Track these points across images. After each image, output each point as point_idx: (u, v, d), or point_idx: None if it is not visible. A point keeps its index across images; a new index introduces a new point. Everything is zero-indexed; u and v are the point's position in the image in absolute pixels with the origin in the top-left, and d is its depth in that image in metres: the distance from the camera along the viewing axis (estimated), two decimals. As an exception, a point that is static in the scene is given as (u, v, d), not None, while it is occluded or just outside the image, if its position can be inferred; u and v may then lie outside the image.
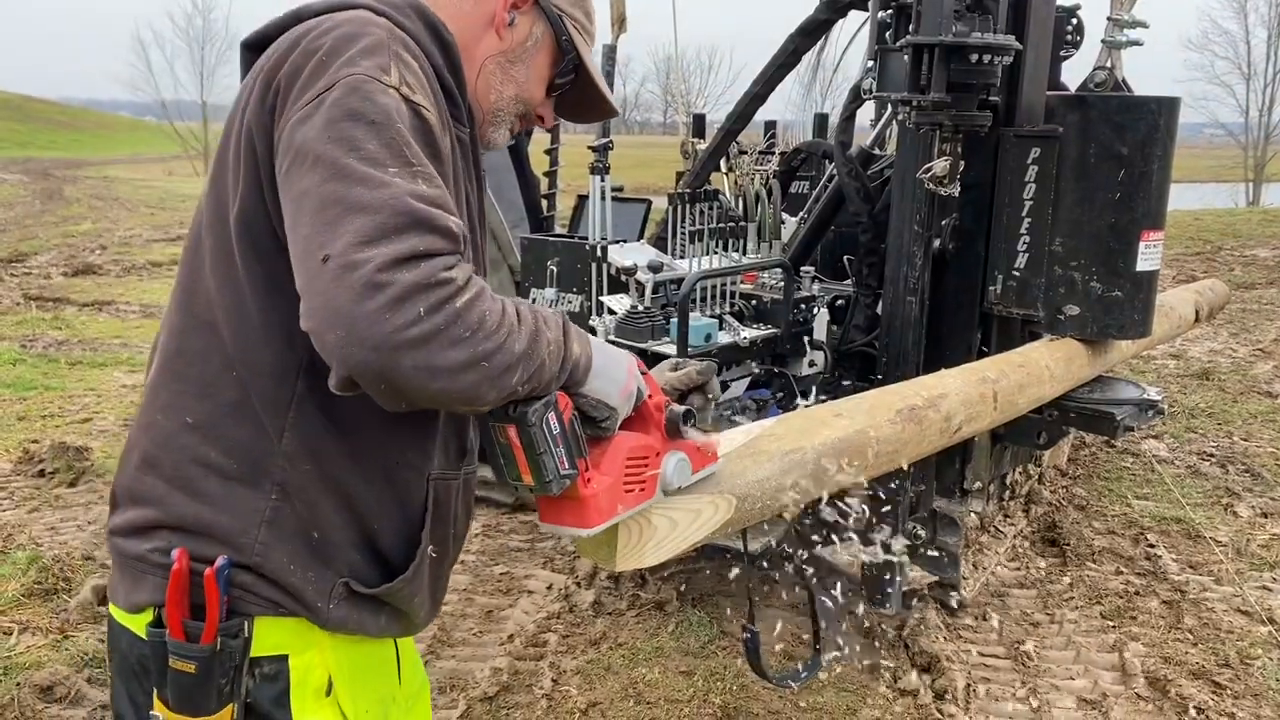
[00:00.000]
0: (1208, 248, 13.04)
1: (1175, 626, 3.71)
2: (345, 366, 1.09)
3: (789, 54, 4.21)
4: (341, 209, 1.10)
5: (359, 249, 1.08)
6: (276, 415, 1.27)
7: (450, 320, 1.10)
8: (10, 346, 7.90)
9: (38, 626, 3.54)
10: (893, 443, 2.26)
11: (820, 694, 3.23)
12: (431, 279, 1.09)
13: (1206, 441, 5.86)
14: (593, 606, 3.82)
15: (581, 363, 1.31)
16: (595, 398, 1.34)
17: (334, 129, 1.15)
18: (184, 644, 1.23)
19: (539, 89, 1.53)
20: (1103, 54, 3.69)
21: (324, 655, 1.34)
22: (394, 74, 1.21)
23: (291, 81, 1.22)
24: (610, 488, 1.38)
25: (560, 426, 1.27)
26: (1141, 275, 3.14)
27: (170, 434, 1.31)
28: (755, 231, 3.85)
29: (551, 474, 1.28)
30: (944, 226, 3.32)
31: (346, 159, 1.13)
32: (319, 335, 1.09)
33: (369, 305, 1.06)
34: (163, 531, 1.29)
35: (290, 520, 1.29)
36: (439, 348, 1.09)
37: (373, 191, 1.11)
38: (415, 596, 1.40)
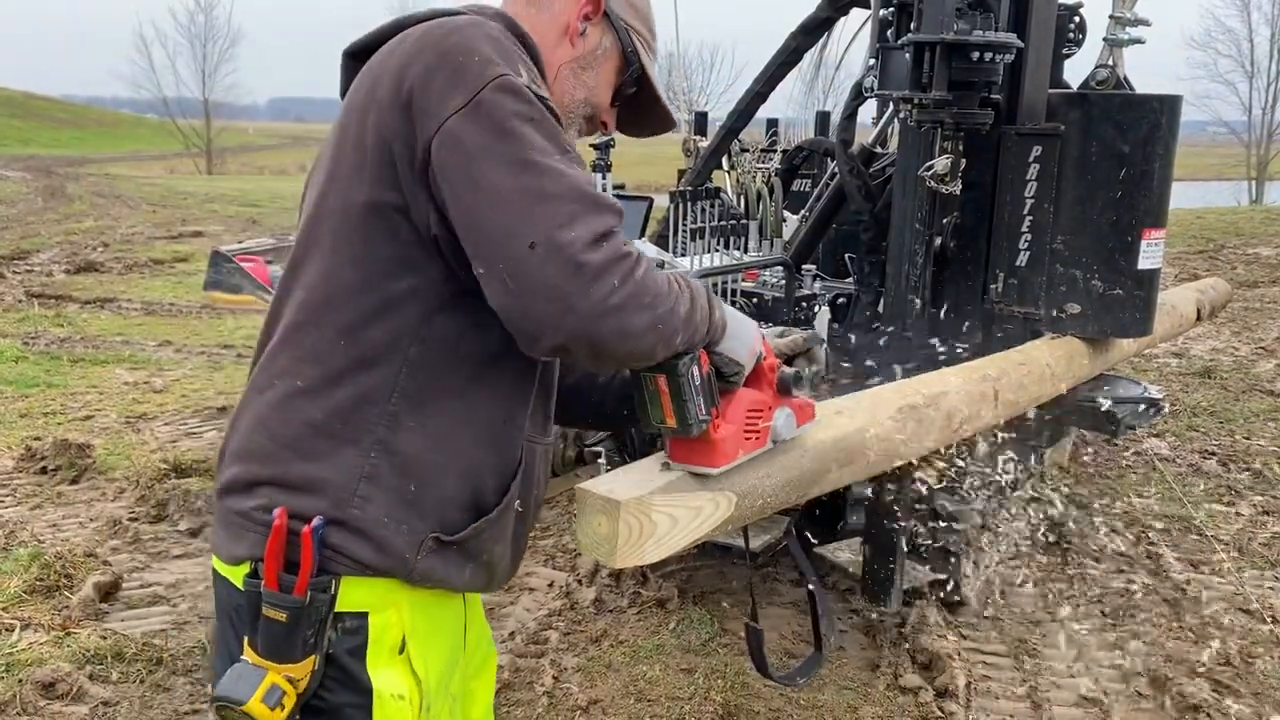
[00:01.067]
0: (1210, 246, 13.02)
1: (1176, 625, 3.71)
2: (560, 335, 1.25)
3: (791, 52, 4.21)
4: (531, 199, 1.25)
5: (560, 232, 1.23)
6: (387, 381, 1.38)
7: (638, 289, 1.28)
8: (12, 344, 7.90)
9: (39, 623, 3.54)
10: (894, 441, 2.26)
11: (821, 692, 3.24)
12: (619, 253, 1.27)
13: (1208, 440, 5.86)
14: (594, 604, 3.82)
15: (720, 325, 1.50)
16: (728, 355, 1.53)
17: (501, 128, 1.27)
18: (278, 594, 1.33)
19: (606, 95, 1.64)
20: (1104, 52, 3.69)
21: (400, 615, 1.43)
22: (524, 74, 1.33)
23: (428, 83, 1.31)
24: (734, 434, 1.61)
25: (701, 378, 1.46)
26: (1143, 273, 3.14)
27: (282, 396, 1.41)
28: (757, 229, 3.85)
29: (693, 418, 1.48)
30: (945, 225, 3.32)
31: (524, 154, 1.26)
32: (527, 312, 1.25)
33: (578, 281, 1.23)
34: (266, 488, 1.38)
35: (388, 476, 1.38)
36: (631, 313, 1.27)
37: (555, 181, 1.26)
38: (498, 544, 1.49)
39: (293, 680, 1.35)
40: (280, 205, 21.00)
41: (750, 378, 1.63)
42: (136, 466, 5.13)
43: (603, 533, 1.53)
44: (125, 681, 3.26)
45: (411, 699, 1.44)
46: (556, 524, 4.58)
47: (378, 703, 1.40)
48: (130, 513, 4.60)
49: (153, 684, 3.25)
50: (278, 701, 1.34)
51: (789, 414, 1.74)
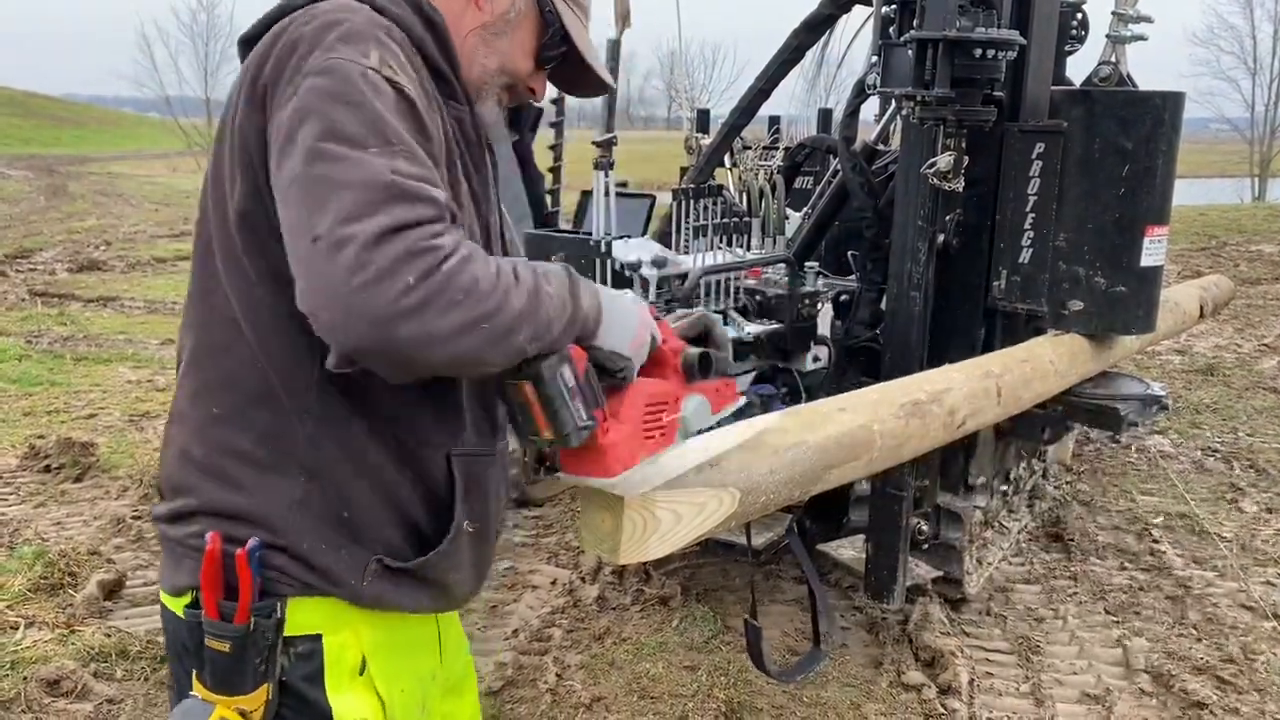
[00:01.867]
0: (1213, 243, 13.01)
1: (1179, 622, 3.71)
2: (344, 344, 1.12)
3: (793, 49, 4.20)
4: (324, 189, 1.13)
5: (344, 226, 1.10)
6: (298, 400, 1.30)
7: (442, 285, 1.12)
8: (16, 342, 7.91)
9: (44, 621, 3.55)
10: (897, 437, 2.26)
11: (824, 689, 3.24)
12: (417, 246, 1.11)
13: (1211, 437, 5.85)
14: (597, 601, 3.83)
15: (592, 315, 1.34)
16: (608, 349, 1.37)
17: (312, 114, 1.17)
18: (219, 624, 1.27)
19: (525, 61, 1.52)
20: (1107, 49, 3.69)
21: (358, 634, 1.36)
22: (374, 56, 1.23)
23: (276, 77, 1.24)
24: (630, 435, 1.42)
25: (575, 379, 1.30)
26: (1146, 270, 3.13)
27: (201, 425, 1.35)
28: (759, 227, 3.84)
29: (570, 426, 1.30)
30: (948, 222, 3.31)
31: (326, 142, 1.15)
32: (315, 316, 1.12)
33: (359, 279, 1.08)
34: (200, 517, 1.33)
35: (320, 502, 1.32)
36: (435, 314, 1.11)
37: (353, 170, 1.14)
38: (454, 571, 1.42)
39: (245, 713, 1.28)
40: (282, 204, 20.98)
41: (650, 367, 1.49)
42: (140, 465, 5.14)
43: (606, 529, 1.53)
44: (130, 679, 3.27)
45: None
46: (559, 521, 4.59)
47: None
48: (134, 511, 4.61)
49: (156, 681, 3.26)
50: None
51: (701, 401, 1.56)
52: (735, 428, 1.88)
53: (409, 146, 1.20)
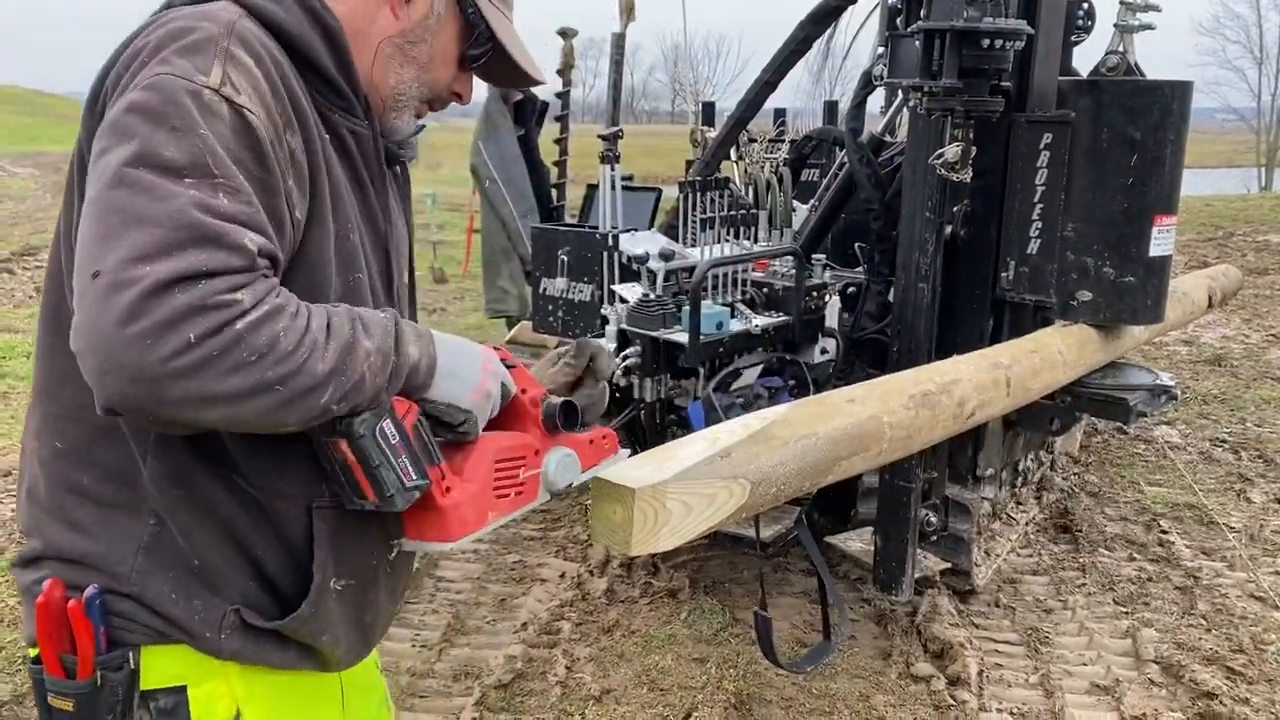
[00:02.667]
0: (1220, 233, 12.96)
1: (1188, 612, 3.71)
2: (104, 394, 0.99)
3: (799, 41, 4.19)
4: (119, 220, 1.00)
5: (130, 266, 0.98)
6: (140, 438, 1.20)
7: (228, 345, 1.00)
8: (24, 339, 7.93)
9: (55, 616, 3.56)
10: (906, 428, 2.26)
11: (833, 680, 3.24)
12: (207, 301, 0.99)
13: (1219, 427, 5.84)
14: (605, 594, 3.83)
15: (422, 365, 1.21)
16: (444, 401, 1.24)
17: (128, 133, 1.05)
18: (61, 680, 1.16)
19: (446, 68, 1.42)
20: (1115, 38, 3.68)
21: (230, 684, 1.24)
22: (215, 73, 1.10)
23: (114, 87, 1.13)
24: (476, 495, 1.28)
25: (400, 435, 1.18)
26: (1154, 260, 3.13)
27: (44, 460, 1.25)
28: (766, 219, 3.84)
29: (394, 487, 1.17)
30: (956, 213, 3.30)
31: (136, 167, 1.03)
32: (81, 357, 1.00)
33: (131, 330, 0.96)
34: (46, 562, 1.23)
35: (169, 548, 1.21)
36: (215, 376, 0.99)
37: (157, 203, 1.01)
38: (323, 634, 1.28)
39: None
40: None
41: (507, 418, 1.37)
42: (149, 460, 5.15)
43: (617, 520, 1.53)
44: (141, 673, 3.28)
45: None
46: (567, 515, 4.59)
47: None
48: (143, 506, 4.62)
49: (168, 675, 3.27)
50: None
51: (566, 455, 1.40)
52: (745, 419, 1.89)
53: (233, 180, 1.07)
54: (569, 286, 3.75)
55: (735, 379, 3.50)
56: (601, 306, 3.60)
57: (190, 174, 1.04)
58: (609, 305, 3.54)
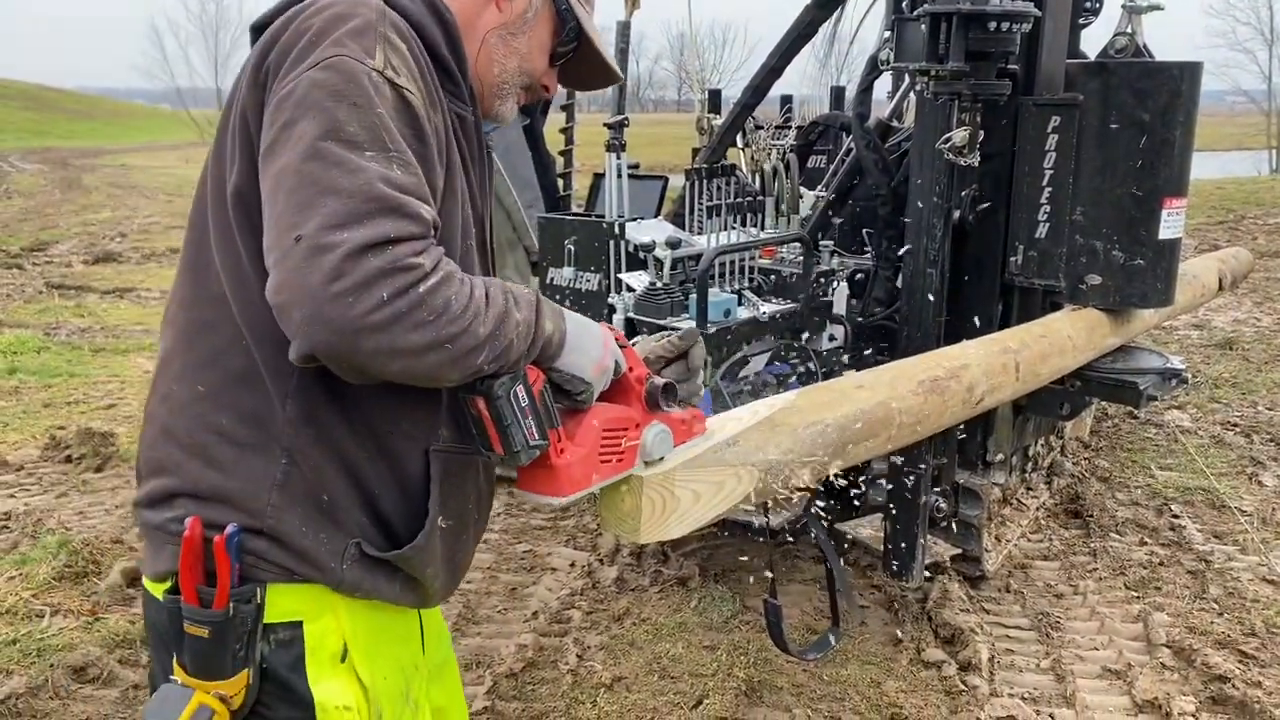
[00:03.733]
0: (1230, 216, 12.90)
1: (1200, 596, 3.70)
2: (307, 344, 1.13)
3: (805, 26, 4.18)
4: (316, 190, 1.13)
5: (330, 232, 1.11)
6: (281, 382, 1.30)
7: (414, 305, 1.13)
8: (34, 334, 7.97)
9: (69, 609, 3.59)
10: (915, 414, 2.25)
11: (844, 667, 3.24)
12: (397, 264, 1.13)
13: (1230, 411, 5.82)
14: (615, 583, 3.84)
15: (555, 339, 1.35)
16: (569, 372, 1.39)
17: (316, 109, 1.17)
18: (197, 609, 1.26)
19: (541, 59, 1.55)
20: (1123, 19, 3.64)
21: (339, 621, 1.36)
22: (379, 57, 1.23)
23: (281, 61, 1.24)
24: (584, 458, 1.43)
25: (530, 399, 1.32)
26: (1164, 243, 3.11)
27: (184, 403, 1.34)
28: (773, 206, 3.83)
29: (520, 444, 1.32)
30: (963, 197, 3.29)
31: (325, 141, 1.16)
32: (284, 310, 1.13)
33: (335, 289, 1.10)
34: (181, 500, 1.32)
35: (300, 484, 1.31)
36: (402, 331, 1.13)
37: (348, 175, 1.14)
38: (428, 567, 1.41)
39: (224, 698, 1.28)
40: (295, 192, 21.02)
41: (614, 392, 1.51)
42: (159, 453, 5.17)
43: (626, 508, 1.53)
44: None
45: (359, 709, 1.37)
46: (576, 504, 4.59)
47: (321, 716, 1.33)
48: (155, 499, 4.64)
49: (181, 667, 3.29)
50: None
51: (663, 430, 1.55)
52: (753, 406, 1.88)
53: (404, 154, 1.21)
54: (576, 276, 3.74)
55: (743, 366, 3.50)
56: (609, 295, 3.59)
57: (370, 148, 1.17)
58: (616, 294, 3.54)
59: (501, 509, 4.52)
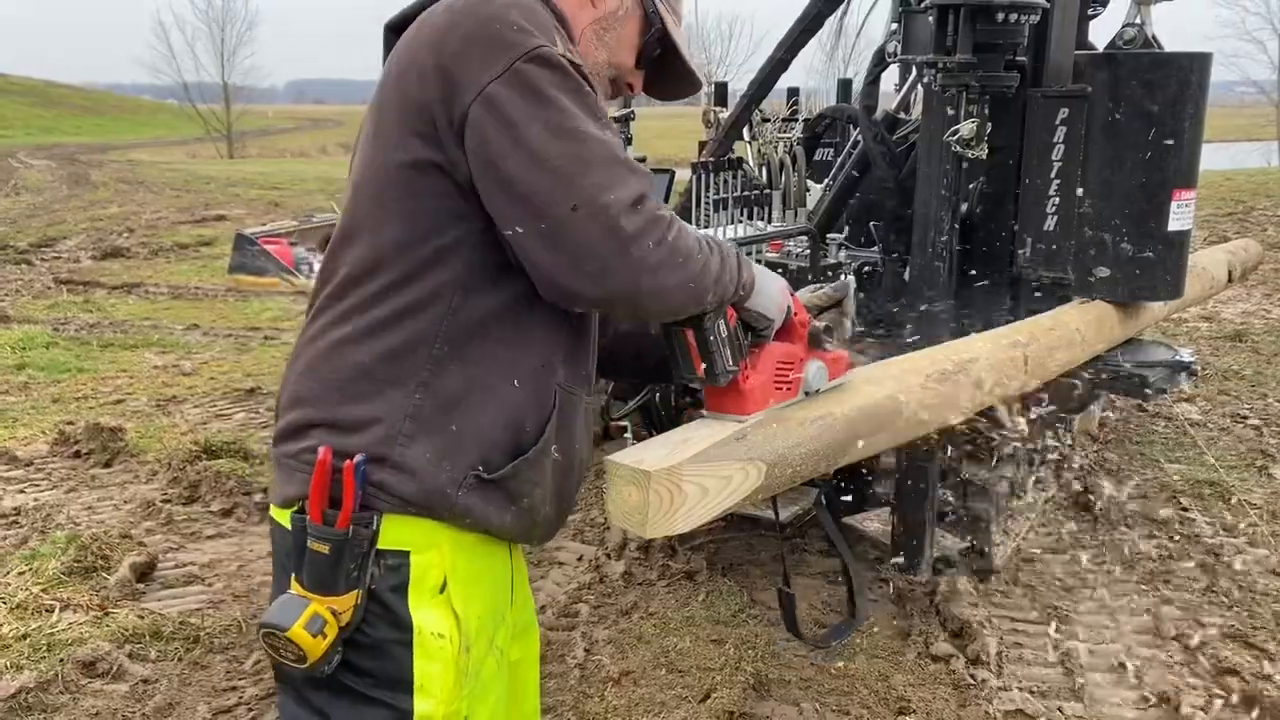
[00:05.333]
0: (1240, 208, 12.84)
1: (1210, 590, 3.68)
2: (601, 291, 1.36)
3: (812, 19, 4.16)
4: (575, 165, 1.32)
5: (601, 196, 1.32)
6: (432, 326, 1.43)
7: (671, 250, 1.38)
8: (43, 330, 7.99)
9: (78, 604, 3.60)
10: (923, 408, 2.25)
11: (852, 660, 3.24)
12: (655, 216, 1.36)
13: (1240, 404, 5.79)
14: (623, 577, 3.84)
15: (749, 283, 1.61)
16: (757, 310, 1.65)
17: (540, 96, 1.34)
18: (321, 527, 1.39)
19: (629, 56, 1.66)
20: (1132, 10, 3.63)
21: (442, 556, 1.47)
22: (559, 43, 1.39)
23: (467, 50, 1.36)
24: (764, 384, 1.74)
25: (728, 331, 1.59)
26: (1173, 235, 3.09)
27: (332, 344, 1.47)
28: (780, 199, 3.82)
29: (720, 369, 1.60)
30: (971, 190, 3.28)
31: (566, 122, 1.33)
32: (569, 269, 1.34)
33: (618, 242, 1.32)
34: (316, 430, 1.44)
35: (431, 415, 1.43)
36: (666, 272, 1.37)
37: (595, 148, 1.34)
38: (537, 488, 1.52)
39: (336, 612, 1.40)
40: (302, 188, 21.07)
41: (781, 332, 1.74)
42: (168, 449, 5.18)
43: (633, 503, 1.54)
44: (164, 660, 3.31)
45: (451, 638, 1.47)
46: (584, 499, 4.60)
47: (418, 639, 1.44)
48: (163, 494, 4.66)
49: (190, 662, 3.30)
50: (319, 630, 1.39)
51: (820, 366, 1.84)
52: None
53: (610, 124, 1.40)
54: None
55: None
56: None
57: (594, 123, 1.36)
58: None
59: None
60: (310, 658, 1.39)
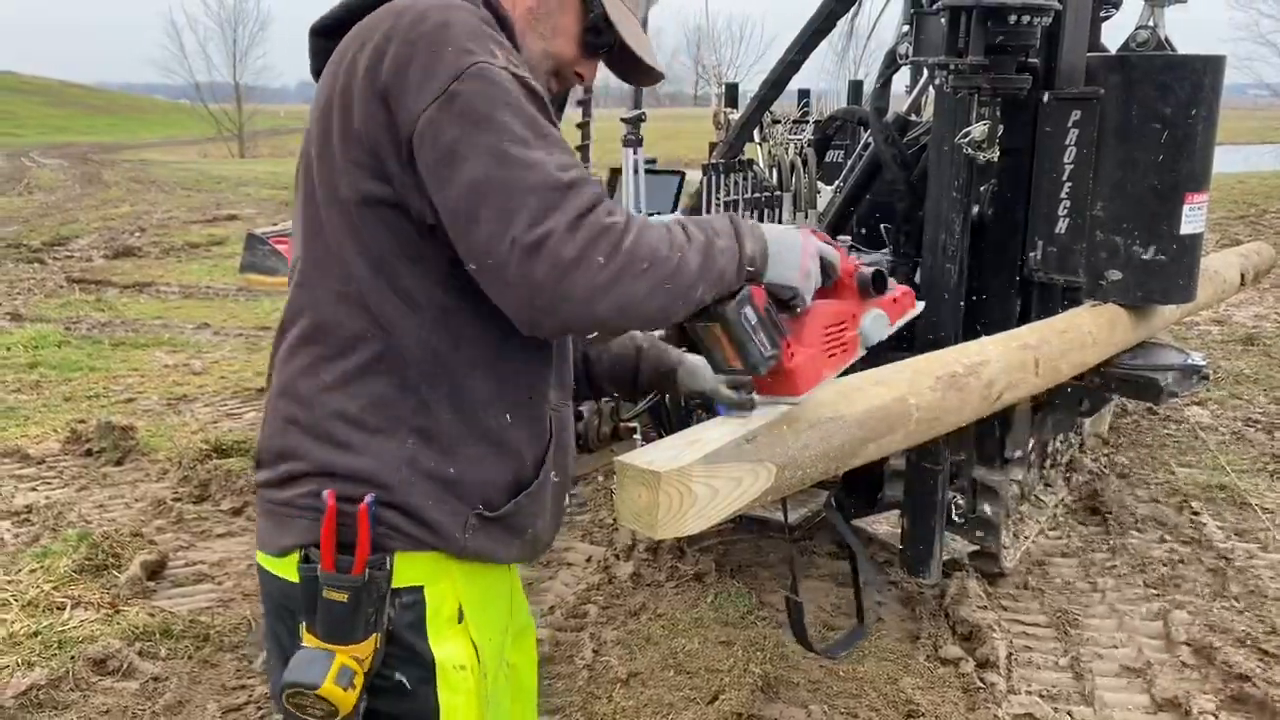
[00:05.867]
0: (1253, 211, 12.78)
1: (1220, 595, 3.67)
2: (559, 320, 1.26)
3: (823, 20, 4.15)
4: (508, 194, 1.23)
5: (536, 227, 1.21)
6: (416, 369, 1.38)
7: (630, 259, 1.25)
8: (55, 329, 8.03)
9: (89, 601, 3.61)
10: (933, 410, 2.24)
11: (861, 663, 3.23)
12: (600, 228, 1.24)
13: (1252, 407, 5.77)
14: (632, 578, 3.84)
15: (758, 255, 1.45)
16: (777, 282, 1.49)
17: (480, 120, 1.25)
18: (336, 575, 1.34)
19: (568, 46, 1.54)
20: (1145, 12, 3.61)
21: (455, 586, 1.45)
22: (500, 55, 1.30)
23: (403, 73, 1.28)
24: (813, 357, 1.59)
25: (757, 316, 1.45)
26: (1185, 238, 3.08)
27: (310, 394, 1.41)
28: (790, 201, 3.82)
29: (756, 357, 1.47)
30: (982, 192, 3.27)
31: (498, 145, 1.24)
32: (522, 304, 1.26)
33: (562, 269, 1.21)
34: (310, 478, 1.39)
35: (428, 460, 1.39)
36: (628, 284, 1.25)
37: (529, 172, 1.23)
38: (539, 517, 1.52)
39: (359, 660, 1.36)
40: (312, 187, 21.09)
41: (831, 289, 1.62)
42: (178, 447, 5.21)
43: (643, 504, 1.53)
44: (174, 657, 3.32)
45: (472, 668, 1.45)
46: (593, 500, 4.60)
47: (440, 674, 1.42)
48: (174, 493, 4.68)
49: (200, 660, 3.31)
50: (349, 682, 1.35)
51: (878, 315, 1.67)
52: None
53: (555, 135, 1.30)
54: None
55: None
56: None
57: (535, 141, 1.26)
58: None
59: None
60: (342, 712, 1.35)
